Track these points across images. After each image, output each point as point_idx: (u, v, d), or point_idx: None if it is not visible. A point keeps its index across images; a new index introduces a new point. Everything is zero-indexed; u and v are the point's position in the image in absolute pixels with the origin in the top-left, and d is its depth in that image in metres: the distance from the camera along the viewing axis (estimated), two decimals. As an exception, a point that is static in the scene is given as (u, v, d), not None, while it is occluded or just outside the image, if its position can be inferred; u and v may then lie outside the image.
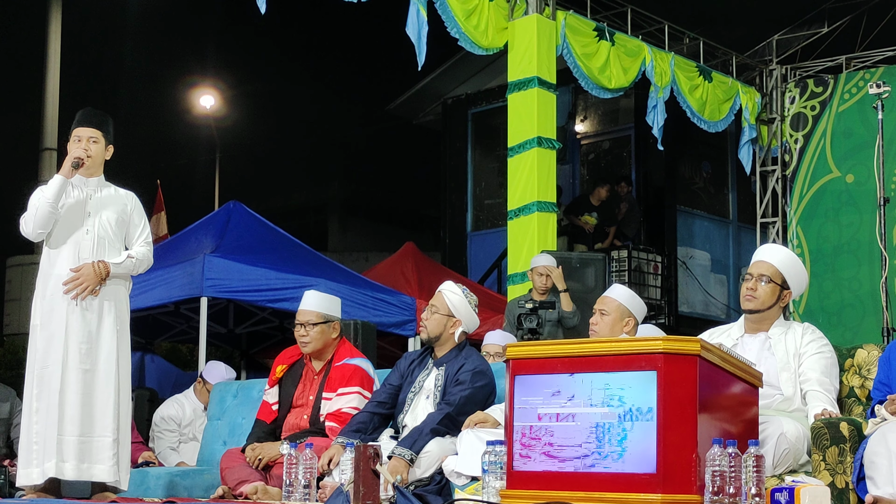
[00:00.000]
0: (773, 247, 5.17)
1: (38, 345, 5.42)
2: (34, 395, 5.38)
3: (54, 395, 5.34)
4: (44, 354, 5.40)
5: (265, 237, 10.13)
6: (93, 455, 5.38)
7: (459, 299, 5.49)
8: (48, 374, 5.38)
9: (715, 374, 4.14)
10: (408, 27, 9.33)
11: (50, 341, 5.41)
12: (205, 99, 23.97)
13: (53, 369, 5.38)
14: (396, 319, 10.15)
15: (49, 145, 16.40)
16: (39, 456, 5.31)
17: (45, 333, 5.43)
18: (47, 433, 5.31)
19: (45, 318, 5.45)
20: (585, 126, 15.03)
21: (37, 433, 5.33)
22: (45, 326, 5.44)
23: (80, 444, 5.34)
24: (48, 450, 5.29)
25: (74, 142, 5.61)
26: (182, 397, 8.21)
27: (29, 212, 5.48)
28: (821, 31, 13.26)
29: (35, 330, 5.46)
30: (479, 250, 14.86)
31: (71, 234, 5.53)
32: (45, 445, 5.31)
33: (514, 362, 4.32)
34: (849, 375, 4.99)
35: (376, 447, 4.49)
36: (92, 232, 5.57)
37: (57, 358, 5.38)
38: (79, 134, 5.62)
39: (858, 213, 12.43)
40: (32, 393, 5.39)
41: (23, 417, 5.43)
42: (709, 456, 3.89)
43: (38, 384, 5.38)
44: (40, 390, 5.37)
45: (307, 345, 5.89)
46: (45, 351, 5.41)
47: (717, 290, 14.51)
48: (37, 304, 5.50)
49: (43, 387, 5.38)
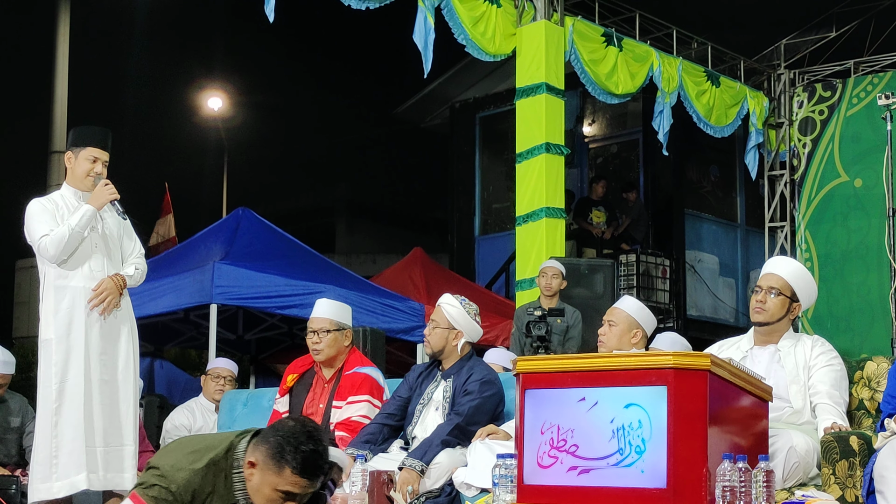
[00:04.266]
0: (783, 259, 5.17)
1: (54, 358, 5.42)
2: (53, 409, 5.38)
3: (79, 407, 5.37)
4: (63, 368, 5.41)
5: (274, 243, 10.14)
6: (117, 464, 5.46)
7: (458, 311, 5.51)
8: (70, 388, 5.40)
9: (725, 388, 4.14)
10: (415, 34, 9.33)
11: (69, 354, 5.43)
12: (213, 102, 24.00)
13: (76, 382, 5.40)
14: (405, 325, 10.16)
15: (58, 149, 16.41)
16: (66, 469, 5.32)
17: (63, 347, 5.44)
18: (74, 446, 5.33)
19: (61, 331, 5.46)
20: (593, 129, 15.03)
21: (57, 447, 5.34)
22: (63, 340, 5.45)
23: (105, 454, 5.40)
24: (77, 462, 5.32)
25: (89, 161, 5.66)
26: (192, 403, 8.23)
27: (54, 238, 5.46)
28: (829, 35, 13.23)
29: (49, 344, 5.46)
30: (487, 254, 14.86)
31: (81, 249, 5.57)
32: (73, 458, 5.32)
33: (524, 376, 4.33)
34: (858, 388, 4.99)
35: (390, 473, 4.50)
36: (100, 246, 5.63)
37: (78, 371, 5.41)
38: (95, 154, 5.67)
39: (867, 217, 12.41)
40: (51, 407, 5.38)
41: (40, 431, 5.42)
42: (719, 471, 3.89)
43: (58, 398, 5.39)
44: (60, 404, 5.38)
45: (319, 352, 5.91)
46: (64, 364, 5.42)
47: (726, 294, 14.50)
48: (49, 318, 5.49)
49: (64, 400, 5.39)
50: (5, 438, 7.03)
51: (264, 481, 3.57)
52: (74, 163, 5.67)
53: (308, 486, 3.58)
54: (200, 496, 3.63)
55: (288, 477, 3.54)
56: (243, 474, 3.64)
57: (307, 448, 3.55)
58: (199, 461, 3.64)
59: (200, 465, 3.64)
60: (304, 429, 3.59)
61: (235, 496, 3.66)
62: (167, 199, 15.93)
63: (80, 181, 5.67)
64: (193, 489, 3.61)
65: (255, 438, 3.66)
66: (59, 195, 5.72)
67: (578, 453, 4.13)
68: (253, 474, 3.60)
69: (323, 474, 3.60)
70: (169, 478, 3.61)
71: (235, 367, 8.32)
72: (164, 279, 9.20)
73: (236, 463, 3.66)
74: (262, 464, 3.57)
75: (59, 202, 5.65)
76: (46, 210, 5.59)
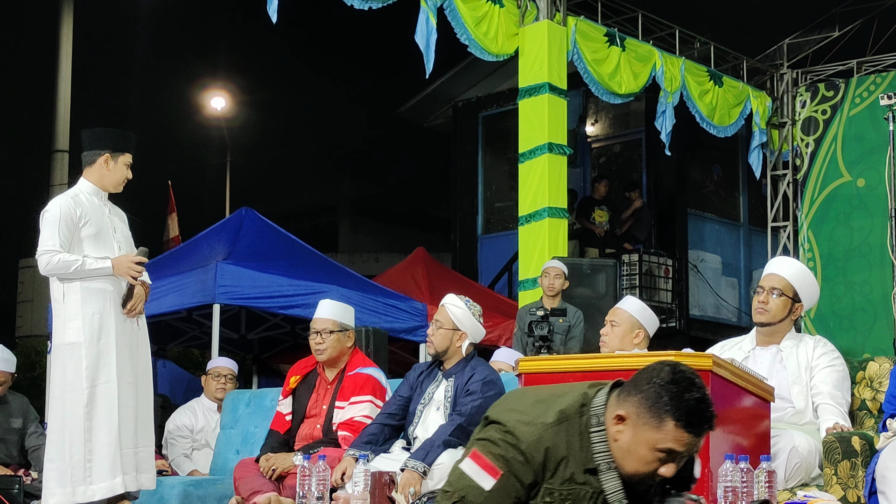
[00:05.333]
0: (785, 260, 5.18)
1: (84, 362, 5.42)
2: (85, 413, 5.39)
3: (113, 410, 5.41)
4: (94, 371, 5.44)
5: (277, 243, 10.15)
6: (145, 464, 5.54)
7: (463, 312, 5.50)
8: (104, 391, 5.43)
9: (727, 388, 4.15)
10: (417, 35, 9.32)
11: (100, 358, 5.46)
12: (216, 101, 24.02)
13: (110, 386, 5.44)
14: (407, 325, 10.17)
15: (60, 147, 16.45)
16: (100, 472, 5.35)
17: (94, 350, 5.46)
18: (109, 450, 5.37)
19: (91, 335, 5.47)
20: (596, 129, 15.03)
21: (91, 451, 5.36)
22: (93, 343, 5.46)
23: (134, 455, 5.47)
24: (113, 465, 5.36)
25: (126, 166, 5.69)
26: (194, 404, 8.24)
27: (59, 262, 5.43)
28: (832, 35, 13.23)
29: (78, 347, 5.45)
30: (489, 253, 14.86)
31: (106, 252, 5.59)
32: (108, 462, 5.36)
33: (526, 376, 4.35)
34: (860, 388, 5.00)
35: (392, 474, 4.51)
36: (123, 247, 5.68)
37: (111, 375, 5.45)
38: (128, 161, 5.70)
39: (870, 217, 12.41)
40: (83, 411, 5.39)
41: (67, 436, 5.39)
42: (721, 471, 3.90)
43: (89, 401, 5.40)
44: (93, 407, 5.41)
45: (322, 353, 5.92)
46: (95, 368, 5.44)
47: (728, 294, 14.50)
48: (75, 321, 5.47)
49: (97, 403, 5.41)
50: (6, 439, 7.03)
51: (639, 439, 2.98)
52: (113, 167, 5.66)
53: (694, 443, 3.01)
54: (554, 458, 3.03)
55: (670, 431, 2.95)
56: (606, 432, 3.03)
57: (692, 396, 2.97)
58: (547, 414, 3.05)
59: (550, 418, 3.04)
60: (685, 375, 3.00)
61: (594, 460, 3.04)
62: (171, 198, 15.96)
63: (112, 185, 5.68)
64: (546, 447, 3.02)
65: (616, 389, 3.08)
66: (83, 194, 5.66)
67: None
68: (622, 431, 3.00)
69: (710, 428, 3.02)
70: (516, 433, 3.03)
71: (236, 366, 8.34)
72: (166, 278, 9.20)
73: (595, 419, 3.05)
74: (634, 417, 2.98)
75: (84, 202, 5.62)
76: (66, 217, 5.52)
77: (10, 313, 19.19)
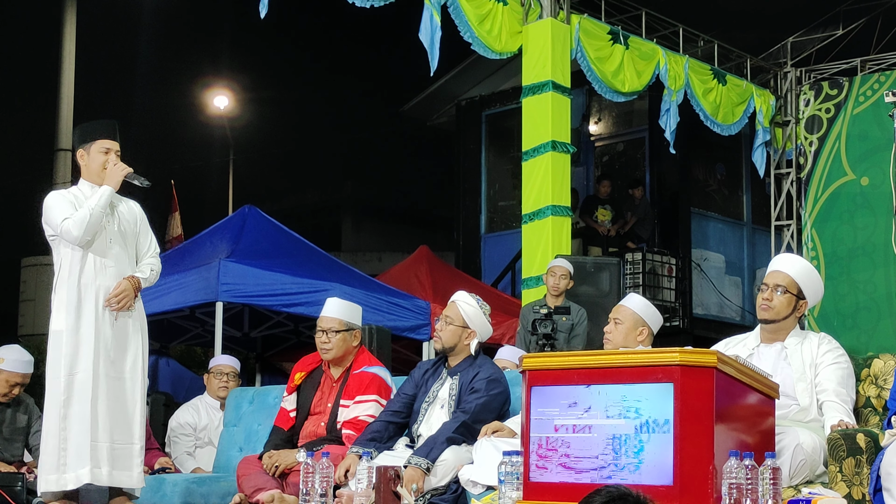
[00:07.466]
0: (789, 256, 5.17)
1: (64, 350, 5.44)
2: (62, 402, 5.39)
3: (87, 402, 5.38)
4: (72, 361, 5.44)
5: (280, 241, 10.15)
6: (124, 462, 5.46)
7: (474, 310, 5.49)
8: (79, 381, 5.42)
9: (731, 385, 4.14)
10: (420, 33, 9.31)
11: (78, 348, 5.45)
12: (219, 99, 24.01)
13: (84, 376, 5.42)
14: (411, 324, 10.17)
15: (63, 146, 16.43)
16: (72, 461, 5.34)
17: (73, 340, 5.46)
18: (80, 439, 5.35)
19: (72, 324, 5.47)
20: (600, 128, 15.02)
21: (65, 439, 5.36)
22: (73, 333, 5.46)
23: (111, 450, 5.41)
24: (82, 455, 5.34)
25: (102, 153, 5.66)
26: (197, 401, 8.24)
27: (76, 220, 5.47)
28: (835, 33, 13.21)
29: (60, 335, 5.47)
30: (492, 252, 14.86)
31: (95, 244, 5.58)
32: (78, 451, 5.34)
33: (530, 373, 4.33)
34: (865, 385, 4.98)
35: (397, 469, 4.50)
36: (116, 240, 5.65)
37: (87, 365, 5.43)
38: (107, 146, 5.67)
39: (873, 215, 12.40)
40: (60, 399, 5.40)
41: (48, 423, 5.44)
42: (725, 468, 3.89)
43: (66, 390, 5.41)
44: (69, 396, 5.40)
45: (328, 351, 5.90)
46: (73, 357, 5.44)
47: (732, 292, 14.48)
48: (60, 310, 5.50)
49: (73, 393, 5.41)
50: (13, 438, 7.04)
51: None
52: (88, 159, 5.67)
53: None
54: None
55: None
56: None
57: None
58: None
59: None
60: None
61: None
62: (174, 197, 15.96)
63: (97, 175, 5.66)
64: None
65: None
66: (76, 189, 5.70)
67: (584, 451, 4.13)
68: None
69: None
70: None
71: (238, 364, 8.33)
72: (170, 276, 9.20)
73: None
74: None
75: (78, 195, 5.65)
76: (65, 199, 5.60)
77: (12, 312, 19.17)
